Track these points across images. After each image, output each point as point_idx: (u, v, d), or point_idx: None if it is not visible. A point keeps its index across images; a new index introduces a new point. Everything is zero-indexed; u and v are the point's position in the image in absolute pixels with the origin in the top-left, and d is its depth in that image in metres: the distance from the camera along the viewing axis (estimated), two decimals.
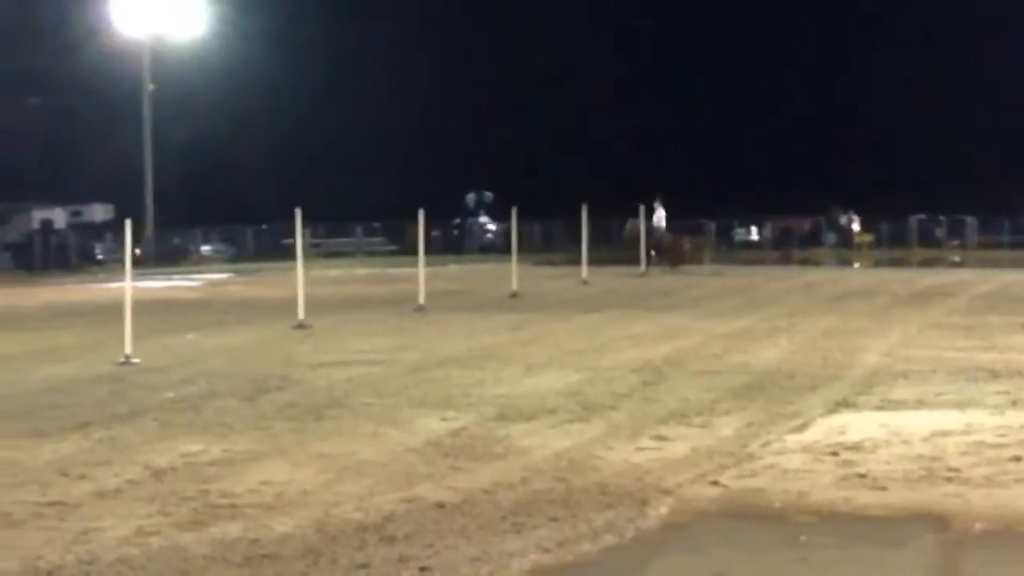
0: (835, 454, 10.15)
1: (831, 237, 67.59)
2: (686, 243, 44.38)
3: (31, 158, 69.12)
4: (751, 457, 10.11)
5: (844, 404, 12.67)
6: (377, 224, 68.10)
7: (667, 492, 8.93)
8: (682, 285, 34.22)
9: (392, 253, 60.80)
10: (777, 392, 13.57)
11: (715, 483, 9.20)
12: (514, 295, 29.90)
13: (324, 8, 75.89)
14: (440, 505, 8.62)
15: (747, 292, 31.35)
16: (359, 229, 68.19)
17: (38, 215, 61.02)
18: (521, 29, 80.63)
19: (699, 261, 44.01)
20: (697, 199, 64.94)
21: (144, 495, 9.06)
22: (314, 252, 51.71)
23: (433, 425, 11.80)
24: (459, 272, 43.73)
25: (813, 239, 67.44)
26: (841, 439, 10.76)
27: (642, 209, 42.70)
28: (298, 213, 23.64)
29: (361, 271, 47.40)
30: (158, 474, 9.78)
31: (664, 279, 37.46)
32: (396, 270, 43.47)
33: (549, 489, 9.07)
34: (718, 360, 16.58)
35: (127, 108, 62.59)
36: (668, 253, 42.93)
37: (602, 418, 12.08)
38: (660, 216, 43.50)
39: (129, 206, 50.26)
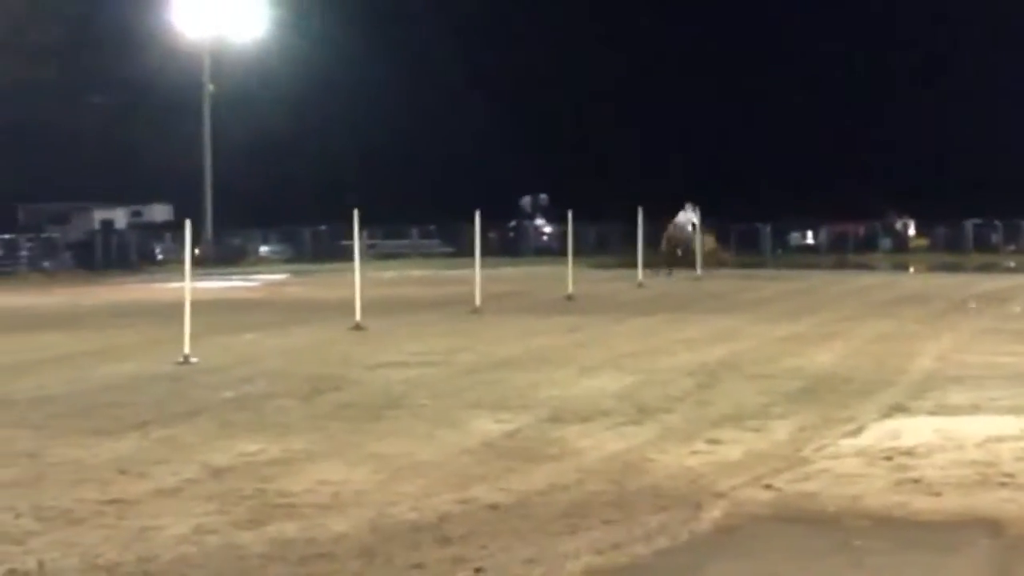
0: (889, 459, 10.13)
1: (886, 242, 67.21)
2: (707, 243, 43.82)
3: (92, 158, 69.79)
4: (805, 461, 10.11)
5: (898, 409, 12.63)
6: (433, 226, 68.29)
7: (720, 495, 8.95)
8: (737, 288, 34.17)
9: (448, 255, 60.95)
10: (831, 396, 13.56)
11: (769, 487, 9.21)
12: (569, 297, 29.95)
13: (382, 10, 76.17)
14: (494, 506, 8.68)
15: (802, 296, 31.29)
16: (415, 231, 68.39)
17: (99, 215, 61.83)
18: (578, 28, 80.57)
19: (723, 263, 43.47)
20: (752, 202, 64.78)
21: (202, 494, 9.16)
22: (371, 254, 51.93)
23: (488, 426, 11.87)
24: (515, 274, 43.78)
25: (868, 243, 67.06)
26: (895, 444, 10.73)
27: (692, 208, 42.71)
28: (355, 215, 23.81)
29: (417, 273, 47.61)
30: (216, 473, 9.88)
31: (718, 283, 37.34)
32: (452, 272, 43.61)
33: (603, 491, 9.11)
34: (772, 364, 16.57)
35: (187, 109, 63.10)
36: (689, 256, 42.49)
37: (656, 421, 12.12)
38: (688, 218, 43.13)
39: (188, 206, 50.76)
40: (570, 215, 33.93)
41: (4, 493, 9.20)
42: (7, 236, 53.74)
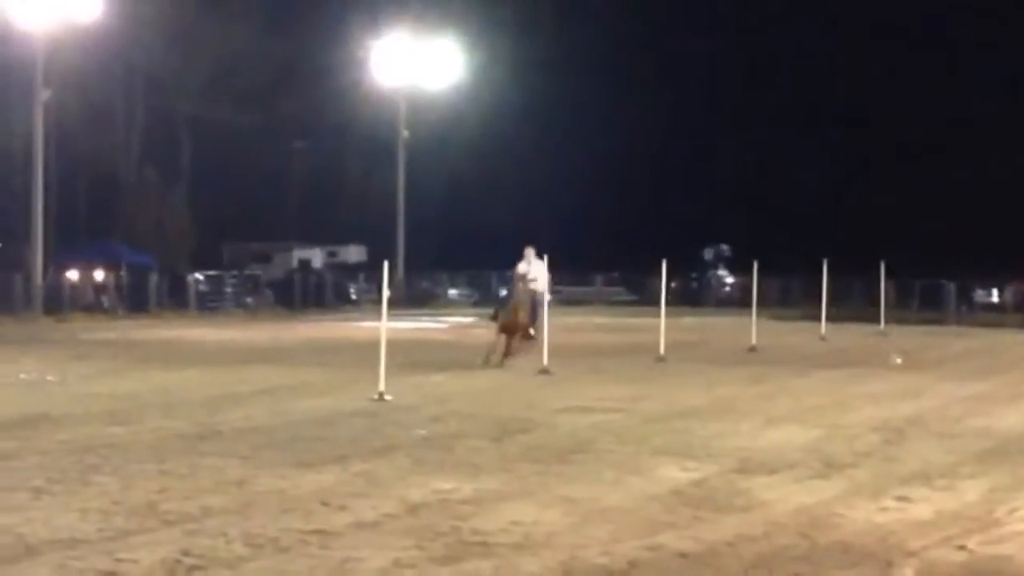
0: None
1: None
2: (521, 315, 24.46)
3: (292, 200, 71.88)
4: (997, 523, 10.07)
5: None
6: (616, 274, 68.56)
7: (912, 554, 8.97)
8: (921, 345, 33.76)
9: (631, 303, 61.09)
10: (1021, 457, 13.43)
11: (961, 548, 9.20)
12: (752, 349, 29.93)
13: (570, 60, 76.75)
14: (683, 555, 8.83)
15: (988, 354, 30.90)
16: (599, 278, 68.70)
17: (298, 254, 63.51)
18: (762, 80, 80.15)
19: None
20: (937, 259, 63.58)
21: (400, 528, 9.46)
22: (555, 300, 52.32)
23: (675, 475, 12.03)
24: (697, 324, 43.74)
25: None
26: None
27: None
28: (543, 261, 24.20)
29: (601, 320, 47.78)
30: (413, 509, 10.19)
31: (901, 339, 36.71)
32: (635, 320, 43.77)
33: (792, 545, 9.20)
34: (959, 422, 16.47)
35: (382, 155, 64.47)
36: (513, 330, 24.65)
37: (843, 476, 12.16)
38: (526, 270, 24.78)
39: (381, 249, 51.81)
40: (755, 266, 33.88)
41: (216, 519, 9.65)
42: (213, 273, 55.37)
